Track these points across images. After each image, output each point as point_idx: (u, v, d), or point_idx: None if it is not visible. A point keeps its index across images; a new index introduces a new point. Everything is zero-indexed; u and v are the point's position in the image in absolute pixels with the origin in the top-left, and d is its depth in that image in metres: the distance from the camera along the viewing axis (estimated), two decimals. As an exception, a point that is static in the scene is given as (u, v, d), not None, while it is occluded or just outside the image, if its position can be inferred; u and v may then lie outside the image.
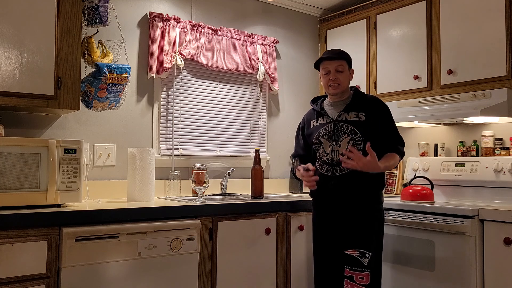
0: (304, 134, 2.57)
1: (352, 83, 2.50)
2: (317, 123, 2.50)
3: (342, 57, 2.45)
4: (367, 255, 2.27)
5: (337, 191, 2.39)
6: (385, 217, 2.71)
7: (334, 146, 2.39)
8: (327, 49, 3.69)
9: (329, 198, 2.42)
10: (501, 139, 2.90)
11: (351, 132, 2.37)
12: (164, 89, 3.07)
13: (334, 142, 2.39)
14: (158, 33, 2.96)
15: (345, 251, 2.31)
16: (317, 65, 2.49)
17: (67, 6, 2.32)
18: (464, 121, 2.98)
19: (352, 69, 2.49)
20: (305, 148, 2.56)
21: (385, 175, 3.41)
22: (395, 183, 3.38)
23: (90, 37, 2.54)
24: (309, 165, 2.37)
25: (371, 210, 2.35)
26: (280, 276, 2.69)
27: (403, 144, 2.45)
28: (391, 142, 2.41)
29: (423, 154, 3.26)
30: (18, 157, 2.08)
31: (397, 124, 3.20)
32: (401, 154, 2.42)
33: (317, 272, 2.47)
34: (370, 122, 2.38)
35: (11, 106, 2.24)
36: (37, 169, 2.12)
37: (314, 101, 2.60)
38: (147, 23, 2.99)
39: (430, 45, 2.96)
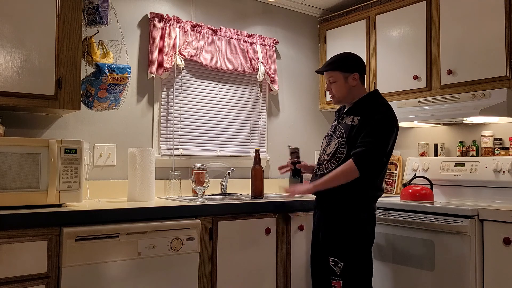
0: None
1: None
2: (333, 123, 2.48)
3: (330, 67, 2.38)
4: (339, 265, 2.21)
5: (317, 193, 2.38)
6: (385, 217, 2.72)
7: (325, 146, 2.40)
8: (327, 49, 3.72)
9: (316, 200, 2.43)
10: (500, 139, 2.90)
11: (340, 135, 2.31)
12: (164, 89, 3.07)
13: (328, 142, 2.39)
14: (159, 34, 2.96)
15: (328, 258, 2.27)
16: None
17: (67, 6, 2.33)
18: (463, 121, 2.98)
19: (355, 73, 2.35)
20: None
21: (384, 177, 3.41)
22: (394, 183, 3.38)
23: (91, 37, 2.54)
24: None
25: (347, 218, 2.24)
26: (280, 276, 2.70)
27: (370, 153, 2.17)
28: (358, 146, 2.20)
29: (423, 154, 3.26)
30: (19, 157, 2.08)
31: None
32: (360, 162, 2.16)
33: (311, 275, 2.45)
34: (362, 128, 2.24)
35: (11, 106, 2.25)
36: (38, 169, 2.13)
37: None
38: (147, 24, 2.99)
39: (429, 45, 2.97)
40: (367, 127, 2.22)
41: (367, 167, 2.18)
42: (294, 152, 2.63)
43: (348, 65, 2.37)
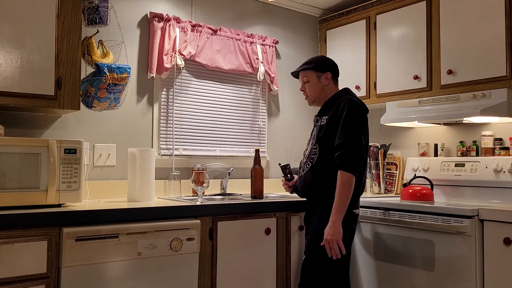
0: None
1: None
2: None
3: (305, 67, 2.48)
4: (303, 258, 2.35)
5: (300, 194, 2.54)
6: (385, 217, 2.72)
7: (305, 149, 2.51)
8: (327, 49, 3.71)
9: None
10: (501, 139, 2.90)
11: (313, 137, 2.42)
12: (164, 89, 3.07)
13: (307, 145, 2.50)
14: (158, 33, 2.96)
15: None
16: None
17: (67, 6, 2.33)
18: (464, 121, 2.98)
19: (328, 73, 2.45)
20: None
21: (384, 176, 3.41)
22: (395, 183, 3.38)
23: (90, 37, 2.54)
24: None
25: (323, 218, 2.27)
26: (280, 276, 2.69)
27: (351, 153, 2.20)
28: (337, 155, 2.23)
29: (423, 154, 3.26)
30: (19, 157, 2.08)
31: (397, 124, 3.24)
32: (348, 167, 2.18)
33: None
34: (328, 126, 2.32)
35: (11, 106, 2.25)
36: (37, 169, 2.13)
37: None
38: (147, 23, 2.99)
39: (430, 45, 2.96)
40: (336, 128, 2.27)
41: (356, 165, 2.21)
42: (286, 169, 2.65)
43: (322, 65, 2.48)
